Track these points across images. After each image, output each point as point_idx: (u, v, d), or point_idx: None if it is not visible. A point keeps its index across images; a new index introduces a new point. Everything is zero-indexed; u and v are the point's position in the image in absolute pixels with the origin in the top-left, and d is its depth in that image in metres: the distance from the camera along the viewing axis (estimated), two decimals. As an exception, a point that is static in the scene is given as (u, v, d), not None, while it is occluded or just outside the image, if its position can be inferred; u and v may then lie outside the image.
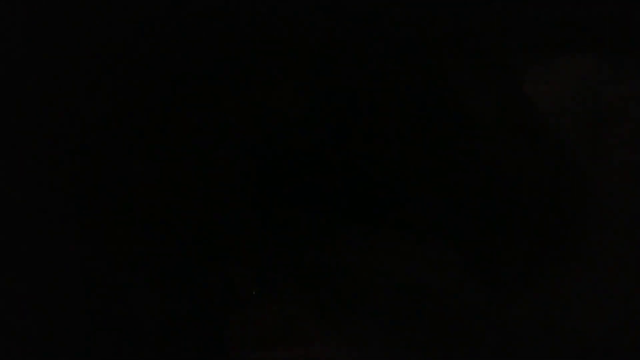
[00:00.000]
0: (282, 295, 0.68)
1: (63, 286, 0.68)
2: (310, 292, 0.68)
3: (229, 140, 0.69)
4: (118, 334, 0.68)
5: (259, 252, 0.68)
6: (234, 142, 0.69)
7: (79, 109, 0.69)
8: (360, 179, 0.68)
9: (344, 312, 0.68)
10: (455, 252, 0.67)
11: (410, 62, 0.69)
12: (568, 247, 0.68)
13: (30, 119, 0.68)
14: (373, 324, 0.68)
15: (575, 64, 0.70)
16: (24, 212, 0.68)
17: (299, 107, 0.69)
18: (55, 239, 0.68)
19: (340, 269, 0.67)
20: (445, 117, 0.69)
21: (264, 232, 0.68)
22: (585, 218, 0.68)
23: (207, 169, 0.70)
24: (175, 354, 0.68)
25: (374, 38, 0.68)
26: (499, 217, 0.68)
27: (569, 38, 0.69)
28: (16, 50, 0.68)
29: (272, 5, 0.68)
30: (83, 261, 0.68)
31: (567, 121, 0.70)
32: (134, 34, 0.69)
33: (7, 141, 0.68)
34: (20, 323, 0.67)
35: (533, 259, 0.68)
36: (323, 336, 0.68)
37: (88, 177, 0.69)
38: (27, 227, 0.68)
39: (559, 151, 0.69)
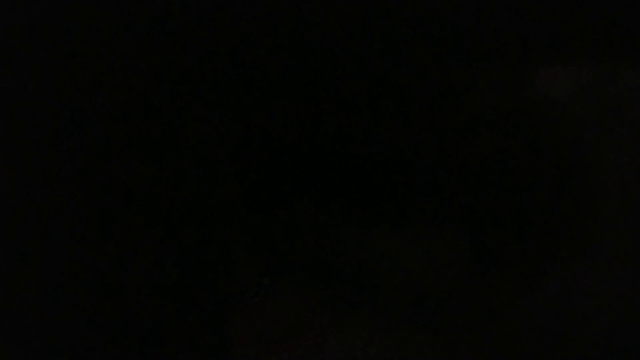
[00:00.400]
0: (282, 294, 0.68)
1: (63, 286, 0.68)
2: (310, 292, 0.68)
3: (230, 140, 0.69)
4: (118, 334, 0.68)
5: (259, 252, 0.68)
6: (234, 141, 0.70)
7: (79, 108, 0.69)
8: (361, 179, 0.68)
9: (344, 312, 0.68)
10: (456, 253, 0.68)
11: (410, 62, 0.69)
12: (569, 247, 0.68)
13: (30, 119, 0.68)
14: (374, 323, 0.68)
15: (576, 64, 0.70)
16: (23, 211, 0.68)
17: (298, 107, 0.69)
18: (55, 238, 0.68)
19: (341, 268, 0.68)
20: (447, 117, 0.69)
21: (264, 231, 0.68)
22: (586, 218, 0.68)
23: (208, 168, 0.70)
24: (176, 353, 0.68)
25: (374, 38, 0.68)
26: (501, 218, 0.68)
27: (569, 38, 0.69)
28: (16, 50, 0.68)
29: (272, 5, 0.68)
30: (83, 261, 0.68)
31: (568, 121, 0.70)
32: (134, 34, 0.69)
33: (7, 141, 0.68)
34: (20, 323, 0.67)
35: (535, 260, 0.68)
36: (323, 336, 0.68)
37: (88, 177, 0.69)
38: (27, 226, 0.68)
39: (560, 152, 0.69)
